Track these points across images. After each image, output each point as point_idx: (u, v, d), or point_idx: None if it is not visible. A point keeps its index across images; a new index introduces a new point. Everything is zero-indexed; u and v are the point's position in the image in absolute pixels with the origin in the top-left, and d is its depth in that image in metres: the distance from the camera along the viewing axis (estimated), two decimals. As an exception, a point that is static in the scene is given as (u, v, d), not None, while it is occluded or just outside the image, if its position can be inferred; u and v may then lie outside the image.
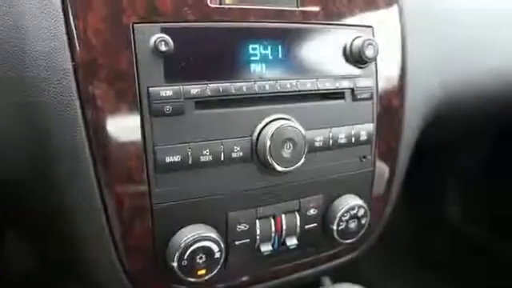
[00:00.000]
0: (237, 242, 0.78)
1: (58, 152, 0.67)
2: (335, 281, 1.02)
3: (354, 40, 0.81)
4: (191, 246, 0.72)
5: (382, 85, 0.87)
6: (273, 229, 0.80)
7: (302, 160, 0.77)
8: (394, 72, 0.90)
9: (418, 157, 1.97)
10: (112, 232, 0.72)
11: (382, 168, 0.90)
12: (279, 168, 0.75)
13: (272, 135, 0.74)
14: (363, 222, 0.86)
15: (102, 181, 0.69)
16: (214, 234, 0.74)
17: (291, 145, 0.75)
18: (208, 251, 0.73)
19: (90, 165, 0.68)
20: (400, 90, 0.90)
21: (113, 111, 0.67)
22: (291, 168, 0.76)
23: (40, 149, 0.68)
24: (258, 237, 0.79)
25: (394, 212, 1.05)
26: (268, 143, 0.73)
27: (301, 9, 0.77)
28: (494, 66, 1.13)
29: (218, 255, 0.74)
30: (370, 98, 0.85)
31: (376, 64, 0.84)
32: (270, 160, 0.74)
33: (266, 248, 0.80)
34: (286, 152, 0.75)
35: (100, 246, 0.73)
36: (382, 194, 0.92)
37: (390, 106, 0.88)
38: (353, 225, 0.86)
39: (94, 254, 0.75)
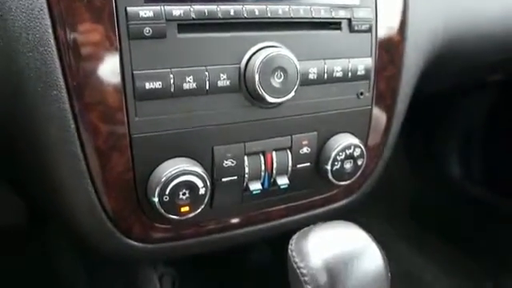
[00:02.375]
0: (224, 179, 0.73)
1: (29, 76, 0.62)
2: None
3: None
4: (173, 180, 0.67)
5: (382, 17, 0.81)
6: (262, 167, 0.75)
7: (294, 91, 0.71)
8: (395, 5, 0.84)
9: (417, 112, 1.92)
10: (89, 166, 0.66)
11: (381, 107, 0.84)
12: (269, 99, 0.69)
13: (261, 63, 0.68)
14: (359, 162, 0.81)
15: (76, 109, 0.64)
16: (198, 169, 0.68)
17: (282, 74, 0.69)
18: (191, 186, 0.68)
19: (63, 90, 0.62)
20: (401, 24, 0.84)
21: (87, 32, 0.62)
22: (282, 99, 0.70)
23: (9, 73, 0.62)
24: (246, 174, 0.74)
25: (393, 164, 1.00)
26: (257, 71, 0.68)
27: None
28: (496, 14, 1.08)
29: (202, 191, 0.69)
30: (369, 31, 0.79)
31: (375, -6, 0.78)
32: (260, 90, 0.69)
33: (255, 187, 0.75)
34: (277, 81, 0.69)
35: (78, 184, 0.68)
36: (379, 136, 0.87)
37: (390, 41, 0.83)
38: (348, 165, 0.80)
39: (72, 194, 0.70)
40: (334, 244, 0.61)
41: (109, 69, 0.63)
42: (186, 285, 0.98)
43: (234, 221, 0.80)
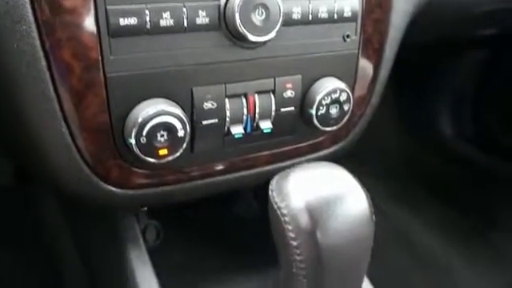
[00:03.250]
0: (204, 122, 0.70)
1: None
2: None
3: None
4: (150, 120, 0.64)
5: (370, -43, 0.77)
6: (244, 110, 0.73)
7: (276, 30, 0.68)
8: None
9: (410, 70, 1.89)
10: (62, 106, 0.64)
11: (368, 51, 0.81)
12: (250, 37, 0.66)
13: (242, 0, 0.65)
14: (346, 108, 0.78)
15: (47, 45, 0.60)
16: (177, 110, 0.66)
17: (263, 11, 0.66)
18: (170, 128, 0.66)
19: (33, 25, 0.59)
20: None
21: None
22: (264, 38, 0.67)
23: None
24: (227, 118, 0.71)
25: (384, 123, 0.98)
26: (237, 8, 0.65)
27: None
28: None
29: (181, 134, 0.66)
30: None
31: None
32: (240, 28, 0.66)
33: (237, 130, 0.73)
34: (258, 19, 0.66)
35: (51, 125, 0.65)
36: (367, 82, 0.84)
37: (377, -18, 0.79)
38: (334, 110, 0.78)
39: (46, 136, 0.67)
40: (317, 184, 0.59)
41: (81, 2, 0.60)
42: (170, 237, 0.96)
43: (217, 167, 0.78)
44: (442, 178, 2.00)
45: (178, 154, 0.68)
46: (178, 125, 0.66)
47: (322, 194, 0.58)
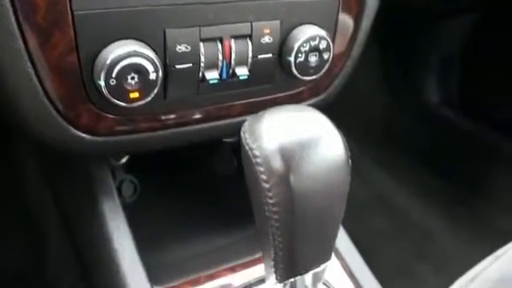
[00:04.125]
0: (177, 66, 0.67)
1: None
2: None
3: None
4: (120, 61, 0.62)
5: None
6: (220, 55, 0.70)
7: None
8: None
9: (396, 37, 1.87)
10: (27, 44, 0.60)
11: (350, -2, 0.79)
12: None
13: None
14: (325, 56, 0.76)
15: None
16: (148, 52, 0.63)
17: None
18: (141, 70, 0.63)
19: None
20: None
21: None
22: None
23: None
24: (202, 63, 0.69)
25: (369, 88, 0.95)
26: None
27: None
28: None
29: (153, 77, 0.64)
30: None
31: None
32: None
33: (212, 76, 0.70)
34: None
35: (16, 65, 0.62)
36: (348, 31, 0.82)
37: None
38: (313, 59, 0.75)
39: (12, 78, 0.64)
40: (292, 127, 0.57)
41: None
42: (147, 192, 0.94)
43: (192, 115, 0.75)
44: (427, 145, 1.99)
45: (149, 98, 0.66)
46: (150, 67, 0.64)
47: (297, 136, 0.56)
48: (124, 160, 0.93)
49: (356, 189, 1.86)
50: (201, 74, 0.70)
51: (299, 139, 0.55)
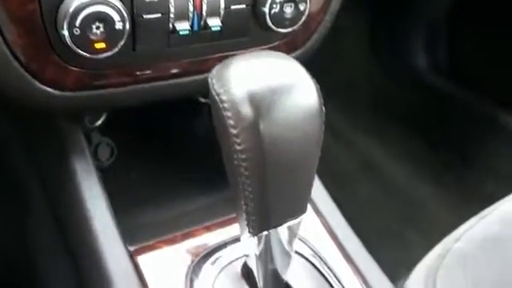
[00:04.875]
0: (145, 16, 0.65)
1: None
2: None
3: None
4: (84, 9, 0.59)
5: None
6: (190, 6, 0.67)
7: None
8: None
9: (382, 3, 1.83)
10: None
11: None
12: None
13: None
14: (301, 8, 0.73)
15: None
16: (113, 0, 0.60)
17: None
18: (106, 19, 0.61)
19: None
20: None
21: None
22: None
23: None
24: (171, 13, 0.66)
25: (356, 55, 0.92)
26: None
27: None
28: None
29: (119, 26, 0.61)
30: None
31: None
32: None
33: (182, 27, 0.68)
34: None
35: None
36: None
37: None
38: (289, 10, 0.73)
39: None
40: (262, 72, 0.54)
41: None
42: (124, 155, 0.92)
43: (164, 69, 0.73)
44: (415, 112, 1.97)
45: (116, 49, 0.63)
46: (116, 16, 0.61)
47: (267, 81, 0.54)
48: (99, 122, 0.90)
49: (343, 156, 1.84)
50: (171, 24, 0.68)
51: (269, 84, 0.53)
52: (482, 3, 1.80)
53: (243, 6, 0.71)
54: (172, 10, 0.66)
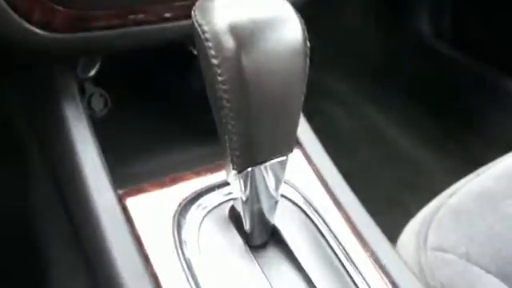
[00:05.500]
0: None
1: None
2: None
3: None
4: None
5: None
6: None
7: None
8: None
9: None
10: None
11: None
12: None
13: None
14: None
15: None
16: None
17: None
18: None
19: None
20: None
21: None
22: None
23: None
24: None
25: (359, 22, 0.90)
26: None
27: None
28: None
29: None
30: None
31: None
32: None
33: None
34: None
35: None
36: None
37: None
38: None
39: None
40: (245, 4, 0.54)
41: None
42: (119, 106, 0.92)
43: (155, 12, 0.72)
44: (419, 79, 1.95)
45: None
46: None
47: (250, 13, 0.53)
48: (93, 72, 0.90)
49: (345, 122, 1.84)
50: None
51: (252, 16, 0.52)
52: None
53: None
54: None
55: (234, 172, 0.60)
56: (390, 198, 1.69)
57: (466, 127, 1.88)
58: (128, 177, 0.77)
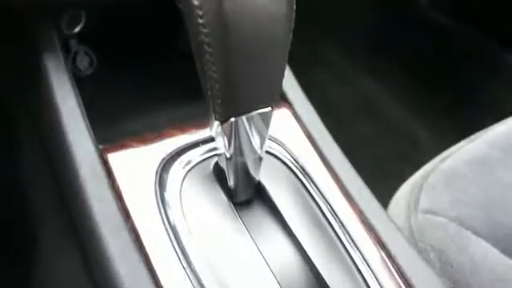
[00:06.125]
0: None
1: None
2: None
3: None
4: None
5: None
6: None
7: None
8: None
9: None
10: None
11: None
12: None
13: None
14: None
15: None
16: None
17: None
18: None
19: None
20: None
21: None
22: None
23: None
24: None
25: None
26: None
27: None
28: None
29: None
30: None
31: None
32: None
33: None
34: None
35: None
36: None
37: None
38: None
39: None
40: None
41: None
42: (104, 66, 0.89)
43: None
44: (415, 50, 1.93)
45: None
46: None
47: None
48: (78, 29, 0.87)
49: (341, 95, 1.81)
50: None
51: None
52: None
53: None
54: None
55: (216, 123, 0.58)
56: (385, 170, 1.68)
57: (464, 99, 1.86)
58: (112, 134, 0.75)
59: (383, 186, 1.57)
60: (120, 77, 0.92)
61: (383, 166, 1.72)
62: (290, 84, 0.81)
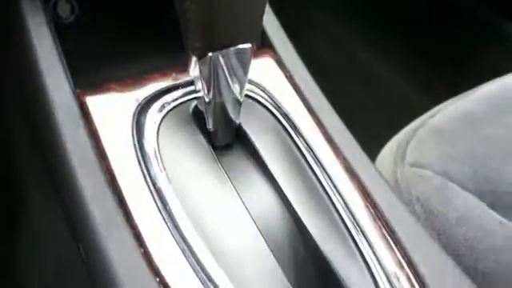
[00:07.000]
0: None
1: None
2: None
3: None
4: None
5: None
6: None
7: None
8: None
9: None
10: None
11: None
12: None
13: None
14: None
15: None
16: None
17: None
18: None
19: None
20: None
21: None
22: None
23: None
24: None
25: None
26: None
27: None
28: None
29: None
30: None
31: None
32: None
33: None
34: None
35: None
36: None
37: None
38: None
39: None
40: None
41: None
42: (86, 13, 0.87)
43: None
44: (411, 15, 1.90)
45: None
46: None
47: None
48: (58, -24, 0.85)
49: (330, 55, 1.78)
50: None
51: None
52: None
53: None
54: None
55: (194, 61, 0.56)
56: (378, 135, 1.66)
57: (460, 67, 1.84)
58: (94, 82, 0.73)
59: (373, 150, 1.56)
60: (103, 25, 0.89)
61: (377, 132, 1.71)
62: (276, 31, 0.79)
